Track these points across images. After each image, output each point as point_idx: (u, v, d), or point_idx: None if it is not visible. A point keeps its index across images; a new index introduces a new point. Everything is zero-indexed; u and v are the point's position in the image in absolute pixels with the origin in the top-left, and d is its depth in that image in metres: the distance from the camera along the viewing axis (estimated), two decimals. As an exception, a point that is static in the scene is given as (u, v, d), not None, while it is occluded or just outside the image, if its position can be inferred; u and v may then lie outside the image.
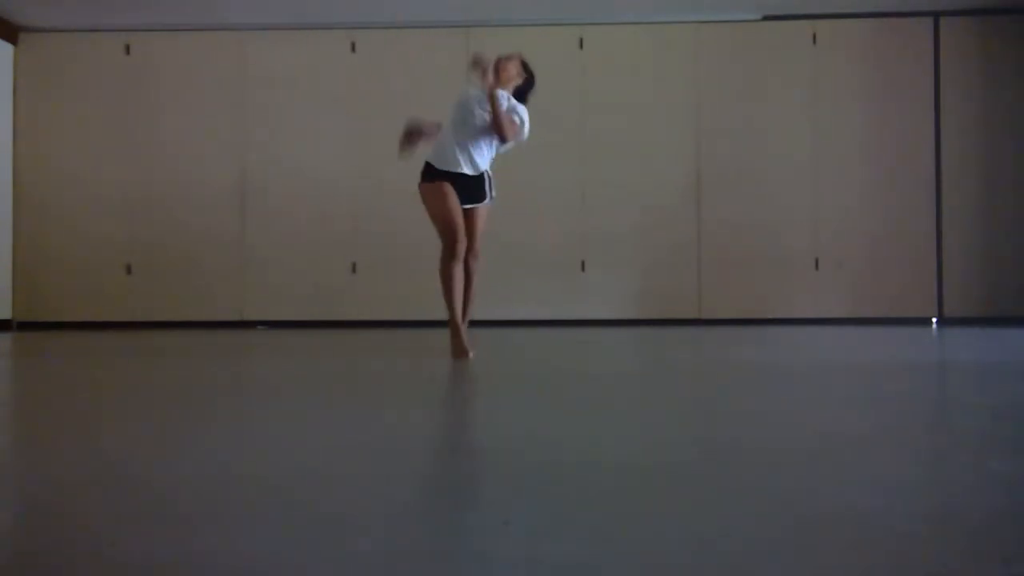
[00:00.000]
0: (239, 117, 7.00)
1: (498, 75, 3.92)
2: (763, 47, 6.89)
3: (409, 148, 4.06)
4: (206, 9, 6.73)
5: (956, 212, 6.81)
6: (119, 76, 7.02)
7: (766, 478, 1.48)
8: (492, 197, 4.02)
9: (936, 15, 6.83)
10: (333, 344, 4.99)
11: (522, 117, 3.95)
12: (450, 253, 3.84)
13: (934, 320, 6.80)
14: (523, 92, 4.05)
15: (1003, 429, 1.96)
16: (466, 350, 3.80)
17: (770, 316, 6.81)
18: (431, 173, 3.95)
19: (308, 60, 6.99)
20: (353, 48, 6.99)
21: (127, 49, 7.04)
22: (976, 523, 1.19)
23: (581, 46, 6.94)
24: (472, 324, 4.18)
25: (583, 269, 6.80)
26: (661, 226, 6.85)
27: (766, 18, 6.90)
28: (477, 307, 4.20)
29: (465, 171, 3.90)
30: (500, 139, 3.92)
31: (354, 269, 6.93)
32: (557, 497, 1.36)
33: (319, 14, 6.83)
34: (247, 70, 7.01)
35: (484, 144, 3.94)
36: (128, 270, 6.96)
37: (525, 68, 4.05)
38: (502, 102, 3.88)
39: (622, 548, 1.08)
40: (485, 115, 3.89)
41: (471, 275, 3.96)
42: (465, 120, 3.92)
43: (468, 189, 3.92)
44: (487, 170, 4.00)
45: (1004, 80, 6.80)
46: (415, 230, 6.94)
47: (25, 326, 6.89)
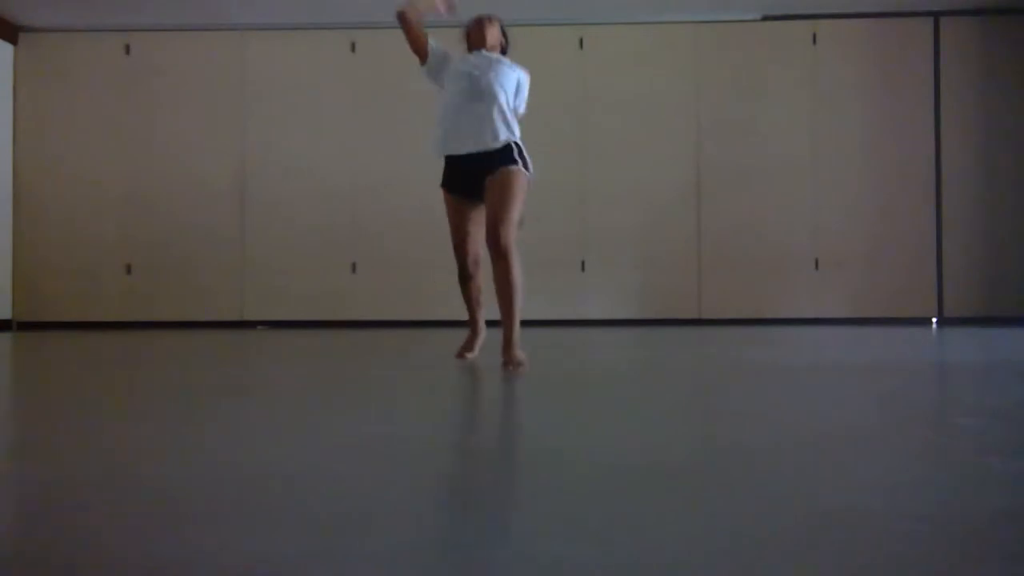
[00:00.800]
0: (239, 117, 7.00)
1: (484, 36, 3.70)
2: (763, 47, 6.89)
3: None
4: (206, 9, 6.74)
5: (956, 212, 6.81)
6: (119, 76, 7.02)
7: (765, 478, 1.48)
8: (525, 169, 3.34)
9: (936, 15, 6.84)
10: (333, 344, 4.99)
11: (522, 91, 3.55)
12: (460, 275, 3.51)
13: (934, 320, 6.80)
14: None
15: (1003, 429, 1.96)
16: (462, 351, 3.63)
17: (770, 316, 6.81)
18: (443, 176, 3.52)
19: (308, 60, 6.99)
20: (353, 48, 6.99)
21: (127, 49, 7.04)
22: (976, 523, 1.19)
23: (581, 46, 6.94)
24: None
25: (583, 269, 6.81)
26: (661, 226, 6.85)
27: (766, 18, 6.90)
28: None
29: (482, 148, 3.32)
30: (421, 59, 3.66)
31: (354, 269, 6.93)
32: (557, 497, 1.36)
33: (319, 14, 6.83)
34: (247, 70, 7.01)
35: (505, 109, 3.37)
36: (128, 270, 6.96)
37: (504, 35, 3.86)
38: (508, 63, 3.54)
39: (621, 548, 1.08)
40: (498, 74, 3.43)
41: (501, 280, 3.25)
42: (472, 83, 3.43)
43: (489, 161, 3.32)
44: (515, 140, 3.36)
45: (1004, 80, 6.80)
46: (415, 230, 6.97)
47: (25, 326, 6.89)
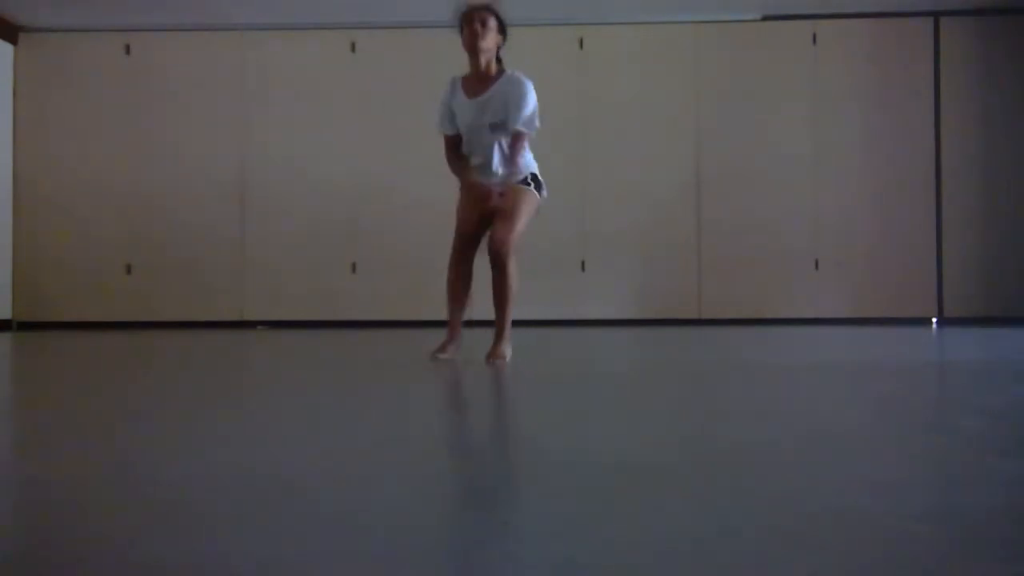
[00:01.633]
0: (239, 117, 7.00)
1: (475, 44, 3.65)
2: (763, 47, 6.89)
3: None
4: (206, 9, 6.74)
5: (956, 212, 6.81)
6: (119, 76, 7.03)
7: (765, 477, 1.48)
8: (537, 191, 3.62)
9: (936, 15, 6.84)
10: (333, 344, 4.99)
11: (533, 115, 3.61)
12: (453, 253, 3.66)
13: (934, 320, 6.79)
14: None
15: (1003, 429, 1.96)
16: (436, 352, 3.65)
17: (770, 316, 6.81)
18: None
19: (308, 60, 6.99)
20: (353, 48, 6.99)
21: (127, 49, 7.04)
22: (976, 522, 1.19)
23: (581, 46, 6.94)
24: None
25: (583, 269, 6.81)
26: (661, 226, 6.85)
27: (766, 18, 6.90)
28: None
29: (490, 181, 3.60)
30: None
31: (354, 269, 6.93)
32: (556, 497, 1.36)
33: (319, 14, 6.83)
34: (247, 70, 7.01)
35: (503, 165, 3.60)
36: (128, 270, 6.96)
37: (500, 22, 3.75)
38: (502, 113, 3.57)
39: (621, 548, 1.08)
40: (489, 138, 3.59)
41: (495, 287, 3.55)
42: (472, 147, 3.67)
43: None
44: (527, 174, 3.61)
45: (1004, 80, 6.80)
46: (415, 230, 6.97)
47: (25, 326, 6.89)
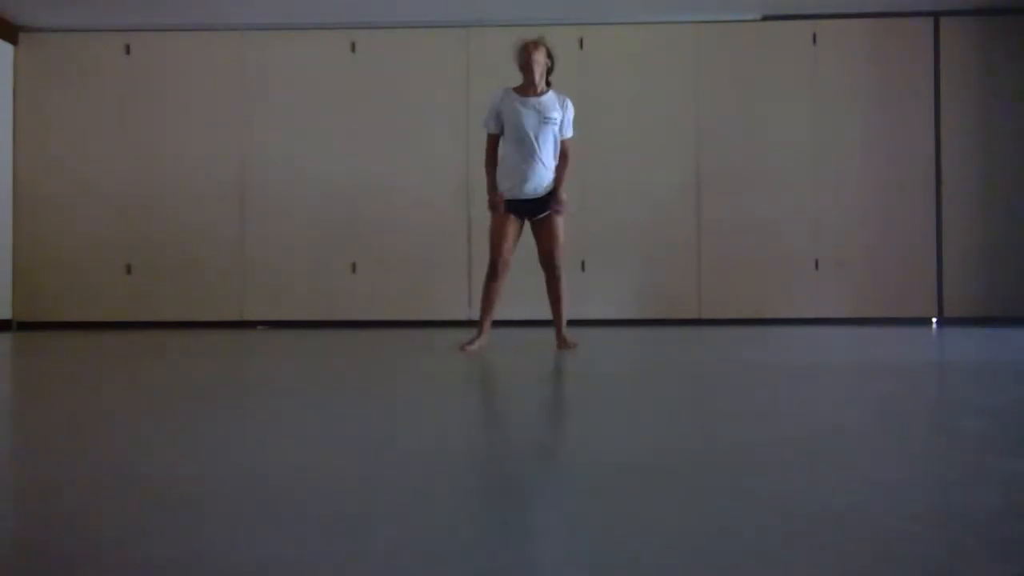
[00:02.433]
0: (239, 117, 7.00)
1: (531, 71, 4.16)
2: (763, 47, 6.89)
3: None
4: (206, 9, 6.73)
5: (956, 212, 6.81)
6: (119, 76, 7.02)
7: (765, 477, 1.48)
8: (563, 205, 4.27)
9: (936, 15, 6.83)
10: (333, 344, 4.99)
11: (567, 123, 4.24)
12: (491, 270, 4.23)
13: (934, 320, 6.79)
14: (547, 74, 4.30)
15: (1003, 429, 1.96)
16: (465, 345, 4.20)
17: (770, 316, 6.81)
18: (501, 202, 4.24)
19: (308, 60, 6.98)
20: (353, 48, 6.99)
21: (127, 49, 7.04)
22: (976, 522, 1.19)
23: (581, 46, 6.94)
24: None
25: (583, 269, 6.80)
26: (661, 226, 6.85)
27: (766, 18, 6.90)
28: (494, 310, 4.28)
29: (535, 196, 4.20)
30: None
31: (354, 269, 6.93)
32: (556, 496, 1.36)
33: (319, 14, 6.82)
34: (247, 70, 7.01)
35: (543, 161, 4.17)
36: (128, 270, 6.96)
37: (550, 54, 4.28)
38: (555, 112, 4.16)
39: (621, 547, 1.08)
40: (539, 129, 4.13)
41: (553, 292, 4.29)
42: (522, 140, 4.15)
43: (540, 203, 4.23)
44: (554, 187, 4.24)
45: (1004, 80, 6.79)
46: (415, 230, 6.97)
47: (25, 326, 6.89)
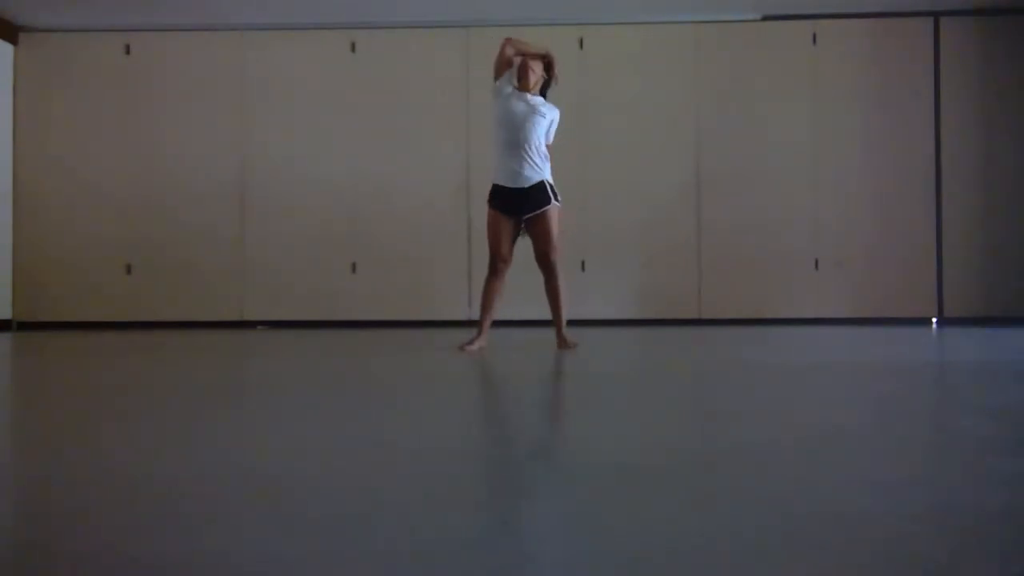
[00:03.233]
0: (239, 117, 7.00)
1: (526, 77, 4.28)
2: (763, 47, 6.88)
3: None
4: (206, 9, 6.73)
5: (956, 212, 6.81)
6: (119, 76, 7.02)
7: (765, 477, 1.48)
8: (555, 201, 4.30)
9: (936, 15, 6.83)
10: (333, 344, 4.99)
11: (552, 127, 4.35)
12: (491, 270, 4.29)
13: (934, 320, 6.79)
14: (544, 88, 4.40)
15: (1003, 429, 1.96)
16: (465, 345, 4.22)
17: (770, 316, 6.81)
18: (491, 196, 4.30)
19: (308, 60, 6.98)
20: (353, 48, 6.99)
21: (127, 49, 7.04)
22: (975, 522, 1.19)
23: (581, 46, 6.94)
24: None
25: (583, 269, 6.80)
26: (661, 226, 6.85)
27: (766, 18, 6.90)
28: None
29: (519, 185, 4.22)
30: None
31: (354, 269, 6.92)
32: (556, 496, 1.36)
33: (319, 14, 6.82)
34: (247, 70, 7.00)
35: (529, 152, 4.22)
36: (128, 270, 6.96)
37: (548, 67, 4.38)
38: (544, 108, 4.28)
39: (621, 547, 1.08)
40: (527, 118, 4.21)
41: (551, 291, 4.32)
42: (510, 127, 4.22)
43: (527, 199, 4.24)
44: (545, 179, 4.27)
45: (1004, 80, 6.79)
46: (415, 230, 6.96)
47: (25, 326, 6.89)
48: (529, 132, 4.22)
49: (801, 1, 6.69)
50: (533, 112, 4.24)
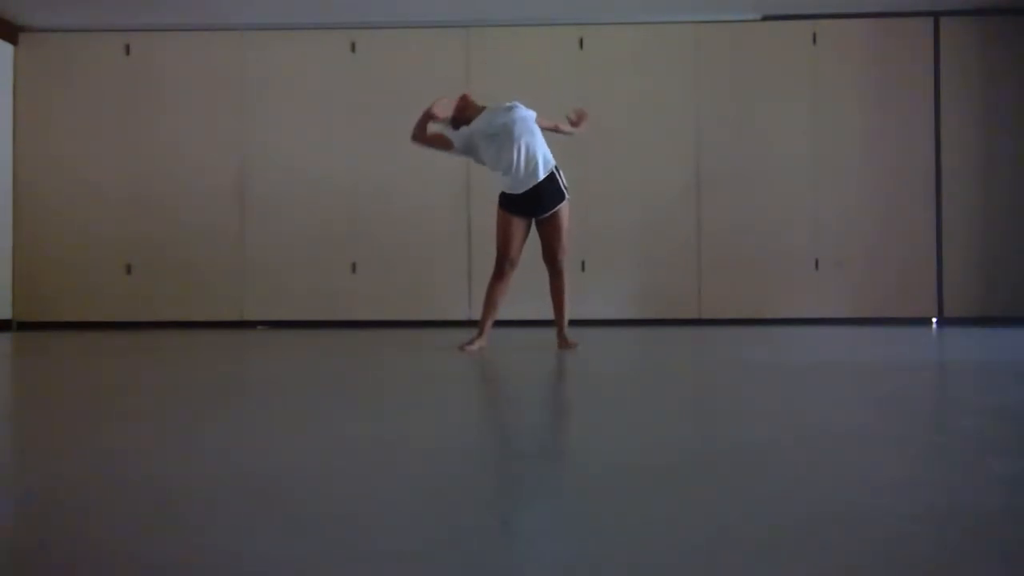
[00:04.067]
0: (239, 117, 6.99)
1: (468, 117, 4.32)
2: (763, 47, 6.88)
3: (434, 122, 4.37)
4: (206, 9, 6.73)
5: (956, 212, 6.81)
6: (119, 76, 7.02)
7: (765, 477, 1.48)
8: (566, 196, 4.25)
9: (936, 15, 6.83)
10: (333, 344, 4.99)
11: (527, 117, 4.24)
12: (496, 272, 4.28)
13: (934, 320, 6.79)
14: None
15: (1003, 429, 1.96)
16: (465, 345, 4.22)
17: (770, 316, 6.81)
18: (502, 199, 4.28)
19: (308, 60, 6.98)
20: (353, 48, 6.99)
21: (127, 49, 7.04)
22: (976, 522, 1.19)
23: (581, 46, 6.94)
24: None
25: (583, 269, 6.80)
26: (661, 226, 6.85)
27: (766, 18, 6.90)
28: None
29: (528, 187, 4.17)
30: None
31: (354, 269, 6.92)
32: (557, 496, 1.36)
33: (319, 14, 6.82)
34: (247, 70, 7.00)
35: (532, 158, 4.15)
36: (128, 270, 6.96)
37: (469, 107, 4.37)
38: (506, 120, 4.19)
39: (621, 548, 1.08)
40: (513, 137, 4.14)
41: (556, 290, 4.32)
42: (492, 138, 4.18)
43: (539, 200, 4.19)
44: (553, 171, 4.22)
45: (1004, 80, 6.79)
46: (415, 230, 6.96)
47: (25, 326, 6.89)
48: (513, 145, 4.13)
49: (801, 1, 6.69)
50: (500, 127, 4.16)
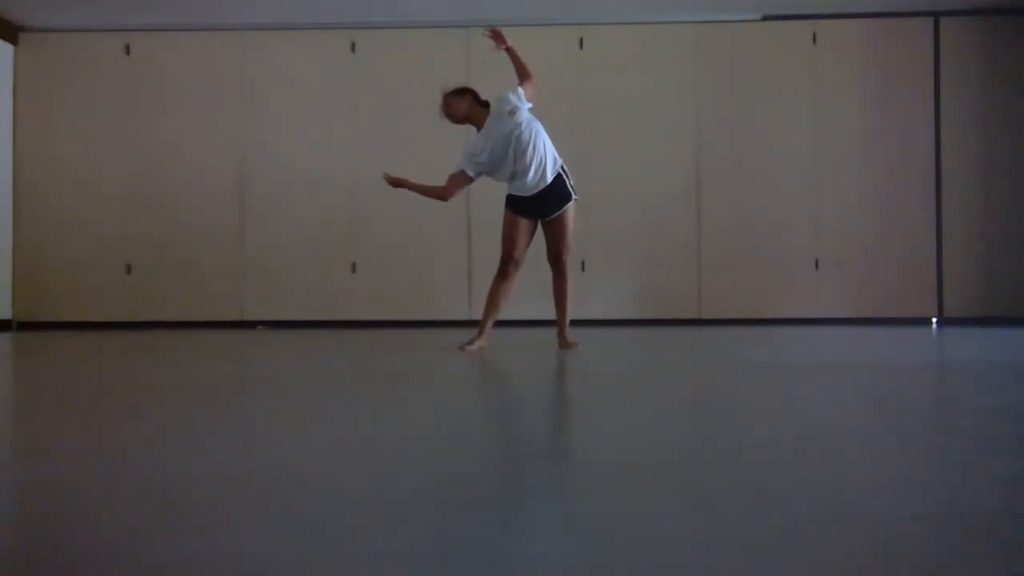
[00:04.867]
0: (239, 117, 6.99)
1: (451, 114, 4.24)
2: (763, 47, 6.88)
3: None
4: (206, 9, 6.73)
5: (956, 212, 6.81)
6: (119, 76, 7.02)
7: (765, 477, 1.48)
8: (574, 198, 4.24)
9: (936, 15, 6.83)
10: (333, 344, 4.99)
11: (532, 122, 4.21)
12: (500, 273, 4.26)
13: (934, 320, 6.79)
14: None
15: (1003, 429, 1.96)
16: (464, 345, 4.20)
17: (770, 316, 6.81)
18: (509, 201, 4.27)
19: (308, 60, 6.98)
20: (353, 48, 6.99)
21: (127, 49, 7.04)
22: (976, 523, 1.19)
23: (581, 46, 6.94)
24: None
25: (583, 269, 6.80)
26: (661, 226, 6.85)
27: (766, 18, 6.89)
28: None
29: (538, 190, 4.15)
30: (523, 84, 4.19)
31: (354, 269, 6.92)
32: (557, 496, 1.36)
33: (319, 14, 6.82)
34: (247, 70, 7.00)
35: (541, 161, 4.13)
36: (128, 270, 6.96)
37: (475, 99, 4.27)
38: (504, 122, 4.13)
39: (621, 548, 1.08)
40: (523, 142, 4.10)
41: (559, 290, 4.31)
42: (516, 162, 4.12)
43: (548, 201, 4.19)
44: (560, 171, 4.21)
45: (1004, 80, 6.79)
46: (415, 230, 6.96)
47: (25, 326, 6.89)
48: (525, 153, 4.10)
49: (801, 1, 6.69)
50: (510, 132, 4.11)
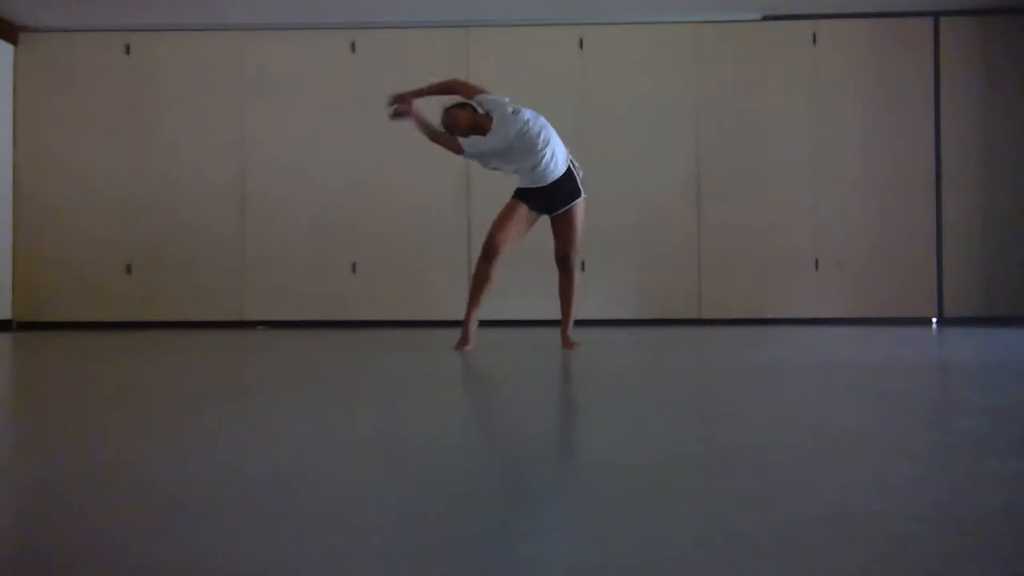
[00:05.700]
0: (239, 117, 7.00)
1: (456, 124, 4.15)
2: (763, 47, 6.89)
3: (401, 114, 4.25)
4: (206, 9, 6.74)
5: (956, 212, 6.81)
6: (119, 76, 7.02)
7: (764, 477, 1.48)
8: (582, 194, 4.22)
9: (936, 15, 6.83)
10: (334, 344, 4.99)
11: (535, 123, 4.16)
12: (482, 253, 4.15)
13: (934, 320, 6.79)
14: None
15: (1003, 429, 1.96)
16: (463, 342, 4.15)
17: (770, 316, 6.81)
18: (516, 192, 4.24)
19: (308, 60, 6.99)
20: (353, 48, 6.99)
21: (127, 49, 7.04)
22: (976, 523, 1.19)
23: (581, 46, 6.94)
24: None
25: (583, 269, 6.80)
26: (661, 226, 6.85)
27: (766, 18, 6.90)
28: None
29: (546, 182, 4.13)
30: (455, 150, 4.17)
31: (354, 269, 6.93)
32: (556, 496, 1.36)
33: (319, 14, 6.83)
34: (247, 70, 7.01)
35: (550, 156, 4.10)
36: (128, 270, 6.96)
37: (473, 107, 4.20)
38: (517, 125, 4.08)
39: (621, 548, 1.08)
40: (530, 144, 4.06)
41: (565, 290, 4.29)
42: (525, 160, 4.09)
43: (557, 194, 4.16)
44: (569, 166, 4.20)
45: (1004, 80, 6.80)
46: (415, 230, 6.97)
47: (25, 326, 6.89)
48: (537, 150, 4.06)
49: (801, 1, 6.69)
50: (521, 128, 4.06)
